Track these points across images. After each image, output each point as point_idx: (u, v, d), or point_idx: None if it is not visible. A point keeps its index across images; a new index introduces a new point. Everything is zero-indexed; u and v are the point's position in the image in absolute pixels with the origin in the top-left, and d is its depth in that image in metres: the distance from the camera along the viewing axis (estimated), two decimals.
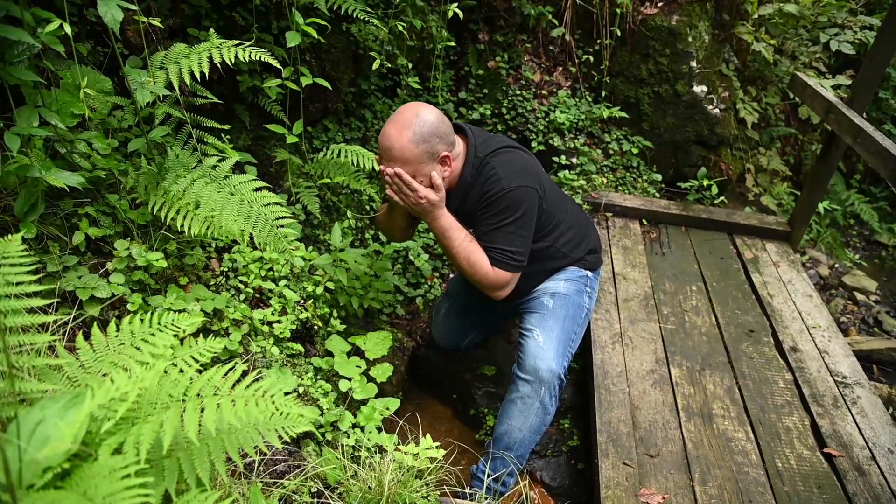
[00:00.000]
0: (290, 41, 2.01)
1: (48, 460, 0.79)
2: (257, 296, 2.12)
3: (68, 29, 1.42)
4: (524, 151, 2.05)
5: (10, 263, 1.06)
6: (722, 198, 3.64)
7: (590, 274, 2.24)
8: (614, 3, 3.38)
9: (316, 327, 2.24)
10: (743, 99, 3.80)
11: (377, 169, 2.37)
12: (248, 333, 1.97)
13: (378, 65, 2.48)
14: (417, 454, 1.63)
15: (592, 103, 3.64)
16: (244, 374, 1.60)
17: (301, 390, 1.95)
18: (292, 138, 2.23)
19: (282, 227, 1.74)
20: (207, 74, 1.69)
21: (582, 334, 2.19)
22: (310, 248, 2.42)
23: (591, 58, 3.57)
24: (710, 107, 3.57)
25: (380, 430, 1.97)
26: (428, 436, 1.71)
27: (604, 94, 3.65)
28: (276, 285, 2.13)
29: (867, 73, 2.79)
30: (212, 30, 1.83)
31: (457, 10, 2.62)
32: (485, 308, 2.44)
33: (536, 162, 2.06)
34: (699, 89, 3.54)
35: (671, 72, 3.51)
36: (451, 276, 3.04)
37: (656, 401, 2.23)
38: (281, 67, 1.94)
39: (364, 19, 2.32)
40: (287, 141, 2.23)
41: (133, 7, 1.56)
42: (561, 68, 3.66)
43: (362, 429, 1.96)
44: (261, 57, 1.72)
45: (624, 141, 3.66)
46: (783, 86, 3.91)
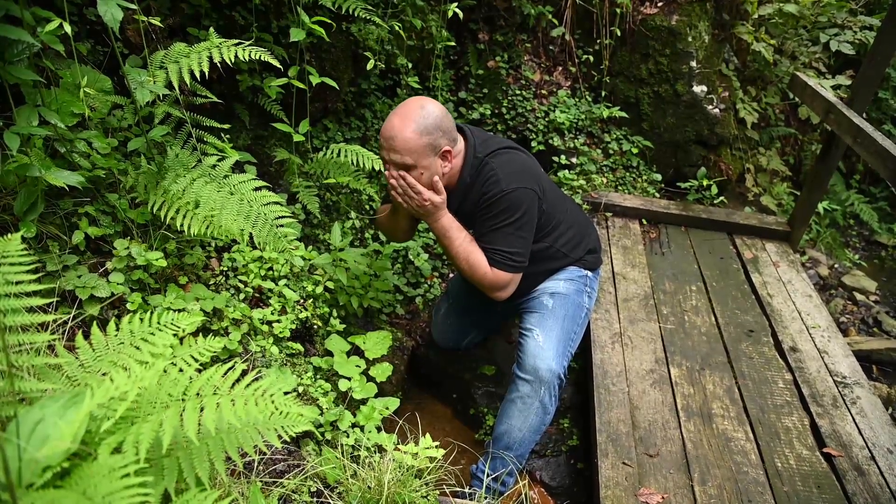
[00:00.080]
0: (294, 36, 2.00)
1: (48, 459, 0.79)
2: (257, 295, 2.12)
3: (68, 28, 1.42)
4: (523, 152, 2.05)
5: (9, 262, 1.06)
6: (722, 198, 3.64)
7: (589, 274, 2.24)
8: (614, 2, 3.38)
9: (315, 327, 2.24)
10: (743, 99, 3.80)
11: (377, 169, 2.38)
12: (248, 333, 1.97)
13: (372, 65, 2.48)
14: (417, 454, 1.63)
15: (592, 103, 3.64)
16: (244, 373, 1.60)
17: (300, 390, 1.95)
18: (299, 137, 2.23)
19: (281, 226, 1.74)
20: (207, 74, 1.69)
21: (582, 334, 2.20)
22: (309, 247, 2.42)
23: (591, 57, 3.57)
24: (710, 107, 3.57)
25: (379, 429, 1.97)
26: (427, 435, 1.71)
27: (604, 93, 3.65)
28: (276, 285, 2.13)
29: (867, 74, 2.79)
30: (211, 29, 1.83)
31: (457, 10, 2.62)
32: (484, 308, 2.44)
33: (535, 163, 2.06)
34: (699, 89, 3.54)
35: (671, 72, 3.51)
36: (451, 275, 3.04)
37: (656, 400, 2.23)
38: (281, 67, 1.94)
39: (365, 18, 2.31)
40: (293, 140, 2.22)
41: (133, 6, 1.56)
42: (561, 68, 3.66)
43: (362, 428, 1.96)
44: (261, 56, 1.72)
45: (624, 141, 3.66)
46: (783, 86, 3.91)
